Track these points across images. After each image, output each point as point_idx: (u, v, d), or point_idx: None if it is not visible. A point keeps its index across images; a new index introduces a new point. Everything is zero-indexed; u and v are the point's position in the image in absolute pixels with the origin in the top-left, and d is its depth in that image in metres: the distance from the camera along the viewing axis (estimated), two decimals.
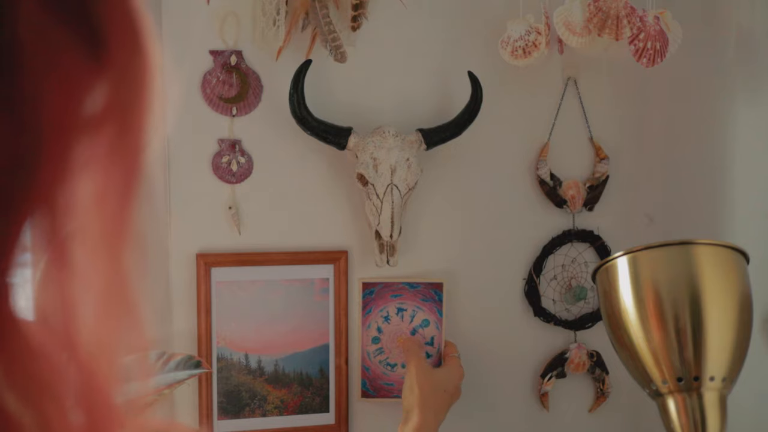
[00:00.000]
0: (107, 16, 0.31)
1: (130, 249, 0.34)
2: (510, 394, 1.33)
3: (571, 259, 1.32)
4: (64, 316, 0.32)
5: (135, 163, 0.33)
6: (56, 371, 0.31)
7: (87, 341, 0.32)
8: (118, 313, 0.34)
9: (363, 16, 1.14)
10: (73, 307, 0.32)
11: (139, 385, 0.38)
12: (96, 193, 0.32)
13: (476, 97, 1.18)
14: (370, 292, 1.24)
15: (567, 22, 1.13)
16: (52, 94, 0.29)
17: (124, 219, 0.33)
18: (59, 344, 0.31)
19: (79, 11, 0.30)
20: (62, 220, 0.31)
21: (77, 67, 0.30)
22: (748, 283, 1.05)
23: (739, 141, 1.26)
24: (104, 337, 0.33)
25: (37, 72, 0.29)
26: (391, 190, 1.13)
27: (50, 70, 0.29)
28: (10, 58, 0.28)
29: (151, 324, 0.35)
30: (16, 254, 0.29)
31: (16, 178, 0.29)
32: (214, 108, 1.17)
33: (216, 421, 1.20)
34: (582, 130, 1.30)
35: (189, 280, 1.18)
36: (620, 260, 1.07)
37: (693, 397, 1.00)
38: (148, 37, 0.33)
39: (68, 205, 0.31)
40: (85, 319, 0.32)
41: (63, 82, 0.30)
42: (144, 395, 0.39)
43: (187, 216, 1.18)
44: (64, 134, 0.30)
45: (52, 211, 0.30)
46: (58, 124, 0.30)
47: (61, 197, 0.30)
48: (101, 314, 0.33)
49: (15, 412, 0.29)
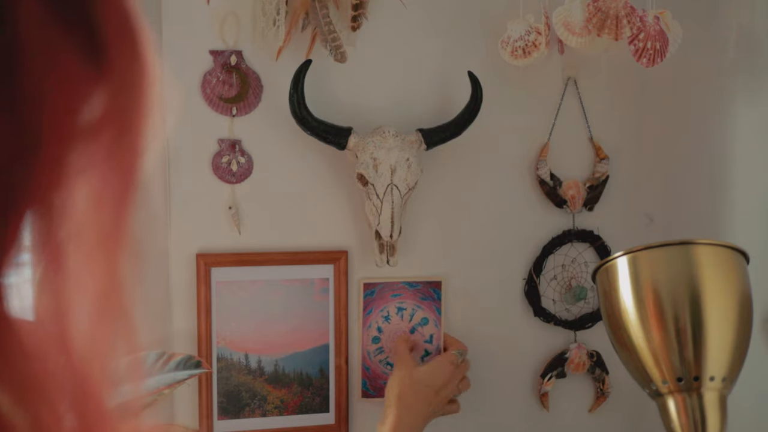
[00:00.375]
0: (107, 23, 0.31)
1: (126, 254, 0.34)
2: (510, 394, 1.33)
3: (571, 259, 1.32)
4: (59, 319, 0.32)
5: (132, 169, 0.34)
6: (50, 373, 0.31)
7: (80, 345, 0.32)
8: (112, 319, 0.34)
9: (363, 16, 1.14)
10: (68, 310, 0.32)
11: (131, 387, 0.38)
12: (93, 197, 0.32)
13: (476, 97, 1.18)
14: (371, 292, 1.24)
15: (566, 23, 1.13)
16: (52, 95, 0.29)
17: (120, 224, 0.33)
18: (53, 346, 0.31)
19: (80, 16, 0.30)
20: (58, 223, 0.31)
21: (77, 72, 0.30)
22: (748, 283, 1.05)
23: (739, 141, 1.26)
24: (98, 342, 0.33)
25: (38, 73, 0.29)
26: (391, 190, 1.13)
27: (50, 71, 0.29)
28: (11, 58, 0.28)
29: (145, 329, 0.35)
30: (11, 255, 0.29)
31: (13, 178, 0.29)
32: (214, 108, 1.17)
33: (216, 421, 1.20)
34: (582, 130, 1.30)
35: (189, 280, 1.18)
36: (620, 260, 1.07)
37: (693, 397, 1.00)
38: (146, 45, 0.33)
39: (64, 208, 0.31)
40: (79, 323, 0.32)
41: (63, 85, 0.30)
42: (137, 398, 0.39)
43: (187, 216, 1.18)
44: (62, 137, 0.30)
45: (49, 212, 0.30)
46: (57, 126, 0.30)
47: (58, 200, 0.30)
48: (95, 319, 0.33)
49: (7, 413, 0.29)
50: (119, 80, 0.32)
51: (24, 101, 0.29)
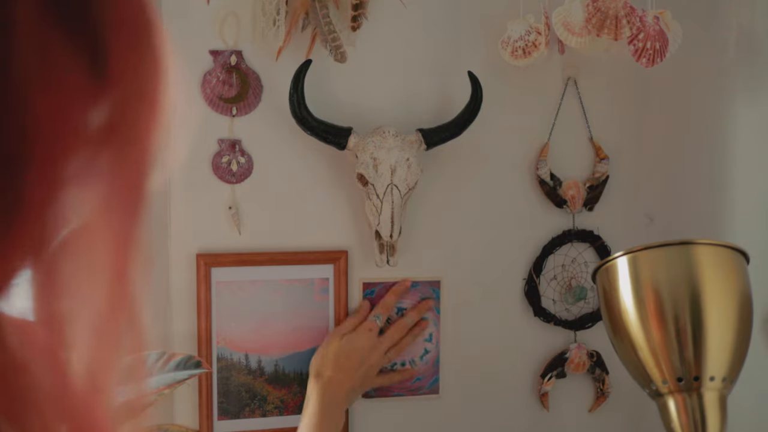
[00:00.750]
0: (111, 30, 0.30)
1: (136, 264, 0.33)
2: (510, 394, 1.33)
3: (571, 259, 1.32)
4: (51, 330, 0.31)
5: (140, 180, 0.32)
6: (41, 387, 0.30)
7: (80, 359, 0.31)
8: (119, 330, 0.33)
9: (363, 16, 1.14)
10: (62, 322, 0.31)
11: (133, 389, 0.37)
12: (101, 207, 0.31)
13: (476, 97, 1.18)
14: (371, 291, 1.24)
15: (566, 23, 1.13)
16: (46, 99, 0.28)
17: (129, 234, 0.32)
18: (45, 359, 0.30)
19: (82, 20, 0.29)
20: (52, 232, 0.30)
21: (75, 77, 0.29)
22: (748, 283, 1.05)
23: (739, 141, 1.26)
24: (100, 356, 0.32)
25: (30, 75, 0.28)
26: (391, 190, 1.13)
27: (45, 74, 0.28)
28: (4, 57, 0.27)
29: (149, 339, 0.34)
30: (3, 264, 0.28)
31: (4, 179, 0.28)
32: (214, 108, 1.17)
33: (216, 421, 1.20)
34: (582, 130, 1.30)
35: (189, 280, 1.18)
36: (620, 260, 1.07)
37: (693, 397, 1.00)
38: (159, 49, 0.32)
39: (59, 218, 0.30)
40: (79, 335, 0.31)
41: (58, 90, 0.29)
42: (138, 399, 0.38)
43: (187, 216, 1.18)
44: (58, 142, 0.29)
45: (42, 220, 0.29)
46: (51, 131, 0.29)
47: (52, 208, 0.29)
48: (98, 332, 0.32)
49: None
50: (125, 89, 0.31)
51: (18, 101, 0.27)
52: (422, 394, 1.28)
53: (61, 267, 0.30)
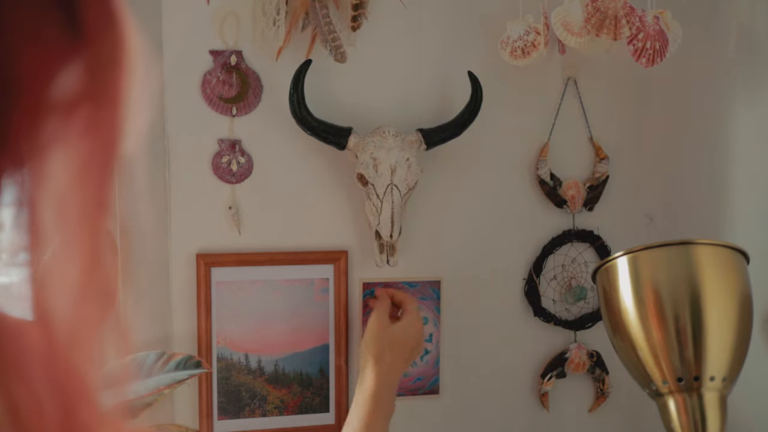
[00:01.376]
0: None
1: (108, 224, 0.33)
2: (510, 394, 1.33)
3: (571, 259, 1.32)
4: (36, 291, 0.31)
5: (113, 140, 0.34)
6: (25, 351, 0.30)
7: (61, 320, 0.31)
8: (95, 294, 0.33)
9: (363, 16, 1.14)
10: (45, 283, 0.31)
11: (122, 388, 0.37)
12: (75, 167, 0.32)
13: (476, 97, 1.18)
14: (371, 292, 1.24)
15: (565, 23, 1.13)
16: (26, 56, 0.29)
17: (102, 194, 0.33)
18: (29, 323, 0.30)
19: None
20: (34, 190, 0.30)
21: (53, 36, 0.30)
22: (748, 283, 1.05)
23: (739, 141, 1.26)
24: (80, 317, 0.32)
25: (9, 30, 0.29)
26: (391, 190, 1.13)
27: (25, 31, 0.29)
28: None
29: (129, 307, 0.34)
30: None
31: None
32: (214, 108, 1.17)
33: (216, 421, 1.20)
34: (582, 130, 1.30)
35: (189, 280, 1.18)
36: (620, 260, 1.07)
37: (693, 397, 1.00)
38: (124, 17, 0.33)
39: (42, 176, 0.31)
40: (60, 296, 0.31)
41: (38, 46, 0.30)
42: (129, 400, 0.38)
43: (187, 216, 1.18)
44: (38, 102, 0.30)
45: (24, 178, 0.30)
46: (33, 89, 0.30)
47: (34, 165, 0.30)
48: (78, 293, 0.32)
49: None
50: (97, 50, 0.32)
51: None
52: (422, 394, 1.28)
53: (44, 228, 0.31)
